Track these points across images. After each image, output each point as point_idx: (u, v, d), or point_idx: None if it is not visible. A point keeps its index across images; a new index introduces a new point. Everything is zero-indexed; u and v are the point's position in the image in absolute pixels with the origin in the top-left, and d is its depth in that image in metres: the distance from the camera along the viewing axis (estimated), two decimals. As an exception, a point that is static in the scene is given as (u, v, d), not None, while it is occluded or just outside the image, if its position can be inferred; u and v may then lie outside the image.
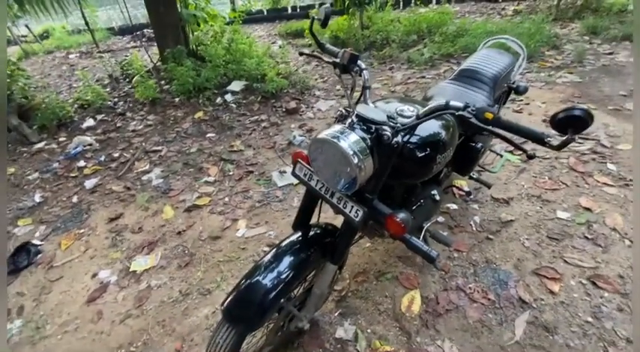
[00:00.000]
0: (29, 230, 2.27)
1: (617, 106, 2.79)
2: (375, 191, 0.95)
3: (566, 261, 1.60)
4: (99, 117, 3.75)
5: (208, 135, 3.14)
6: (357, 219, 0.93)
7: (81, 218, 2.35)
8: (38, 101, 3.84)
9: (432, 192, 1.37)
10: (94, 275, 1.89)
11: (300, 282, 1.11)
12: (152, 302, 1.69)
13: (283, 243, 1.10)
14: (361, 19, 5.40)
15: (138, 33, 8.39)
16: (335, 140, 0.83)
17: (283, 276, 1.01)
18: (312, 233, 1.12)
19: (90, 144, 3.23)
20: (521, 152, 2.40)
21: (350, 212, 0.94)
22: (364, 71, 1.05)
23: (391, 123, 0.89)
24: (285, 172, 2.49)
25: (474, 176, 1.76)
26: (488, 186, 1.77)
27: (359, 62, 1.05)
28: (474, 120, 0.82)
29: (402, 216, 0.93)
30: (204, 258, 1.90)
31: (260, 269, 1.04)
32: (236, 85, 3.77)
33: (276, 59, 4.37)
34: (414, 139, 1.00)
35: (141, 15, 9.84)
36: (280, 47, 4.89)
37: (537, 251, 1.68)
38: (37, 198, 2.57)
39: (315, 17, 1.10)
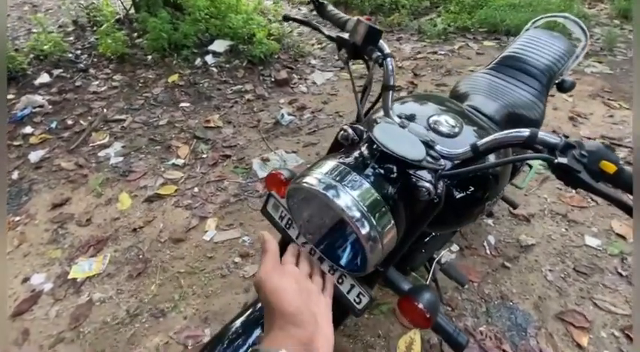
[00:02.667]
0: (-48, 212, 1.87)
1: (653, 107, 2.44)
2: (391, 264, 0.60)
3: (596, 304, 1.34)
4: (56, 72, 3.19)
5: (182, 104, 2.68)
6: (358, 307, 0.59)
7: (19, 200, 1.95)
8: (-17, 47, 3.23)
9: (452, 222, 1.05)
10: (26, 280, 1.54)
11: None
12: (92, 322, 1.38)
13: (258, 305, 0.76)
14: (369, -23, 4.72)
15: (114, -28, 7.35)
16: (329, 193, 0.46)
17: None
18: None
19: (41, 106, 2.73)
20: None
21: (348, 293, 0.60)
22: (388, 59, 0.65)
23: (431, 161, 0.53)
24: (268, 160, 2.11)
25: (499, 193, 1.43)
26: (514, 207, 1.45)
27: (381, 42, 0.65)
28: (584, 174, 0.46)
29: (426, 299, 0.60)
30: (162, 266, 1.56)
31: (223, 345, 0.70)
32: (219, 45, 3.23)
33: (268, 17, 3.79)
34: (457, 180, 0.64)
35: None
36: (274, 3, 4.26)
37: (562, 287, 1.40)
38: (-32, 171, 2.14)
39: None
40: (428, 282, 1.03)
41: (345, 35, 0.64)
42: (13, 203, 1.94)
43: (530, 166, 1.58)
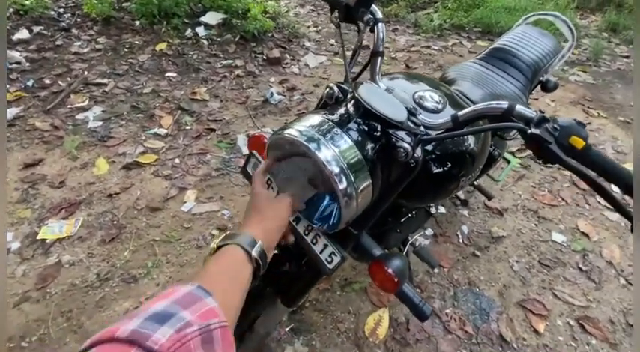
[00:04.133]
0: None
1: (628, 118, 2.56)
2: (365, 226, 0.62)
3: (555, 295, 1.41)
4: (36, 29, 3.01)
5: (168, 74, 2.60)
6: (329, 267, 0.60)
7: (-12, 157, 1.86)
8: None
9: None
10: (-9, 237, 1.49)
11: (246, 322, 0.80)
12: (60, 284, 1.35)
13: None
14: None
15: None
16: (311, 145, 0.47)
17: None
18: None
19: (18, 63, 2.58)
20: (524, 155, 2.18)
21: (321, 253, 0.61)
22: (379, 25, 0.66)
23: (412, 126, 0.54)
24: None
25: (475, 183, 1.48)
26: (489, 198, 1.50)
27: (374, 7, 0.65)
28: (554, 146, 0.48)
29: (396, 265, 0.62)
30: (137, 233, 1.54)
31: None
32: (211, 17, 3.13)
33: (265, -6, 3.69)
34: (434, 151, 0.66)
35: None
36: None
37: (526, 278, 1.47)
38: None
39: None
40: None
41: (340, -3, 0.64)
42: (-19, 159, 1.85)
43: (509, 161, 1.63)
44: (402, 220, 1.05)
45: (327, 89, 0.59)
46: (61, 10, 3.33)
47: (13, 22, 3.08)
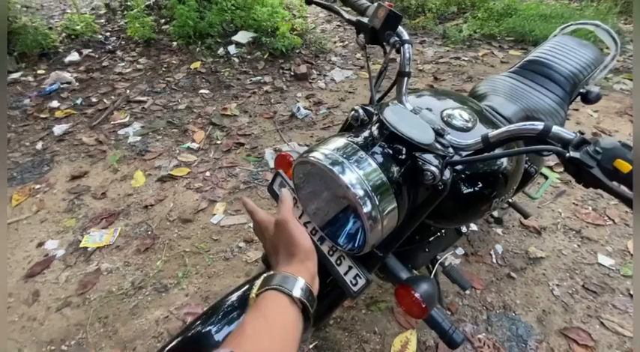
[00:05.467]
0: (-22, 176, 1.97)
1: (684, 129, 2.34)
2: (391, 249, 0.60)
3: (603, 324, 1.30)
4: (85, 51, 3.30)
5: (202, 91, 2.73)
6: (354, 289, 0.59)
7: (41, 170, 2.03)
8: (23, 24, 3.36)
9: (459, 223, 1.03)
10: (40, 244, 1.61)
11: None
12: (98, 290, 1.42)
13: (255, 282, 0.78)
14: (398, -21, 4.69)
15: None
16: (335, 169, 0.47)
17: None
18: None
19: (68, 83, 2.83)
20: (562, 170, 2.04)
21: (345, 274, 0.60)
22: (406, 46, 0.65)
23: (439, 148, 0.53)
24: (280, 151, 2.12)
25: (511, 200, 1.40)
26: (526, 216, 1.42)
27: (400, 29, 0.65)
28: (596, 170, 0.45)
29: (424, 289, 0.60)
30: (169, 244, 1.60)
31: (218, 316, 0.72)
32: (242, 36, 3.27)
33: (293, 12, 3.81)
34: (464, 171, 0.64)
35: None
36: (301, -2, 4.28)
37: (569, 303, 1.36)
38: (-4, 139, 2.24)
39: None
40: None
41: (365, 20, 0.64)
42: (35, 171, 2.02)
43: (546, 177, 1.54)
44: (431, 239, 1.02)
45: (352, 111, 0.60)
46: (108, 34, 3.63)
47: (65, 45, 3.40)
